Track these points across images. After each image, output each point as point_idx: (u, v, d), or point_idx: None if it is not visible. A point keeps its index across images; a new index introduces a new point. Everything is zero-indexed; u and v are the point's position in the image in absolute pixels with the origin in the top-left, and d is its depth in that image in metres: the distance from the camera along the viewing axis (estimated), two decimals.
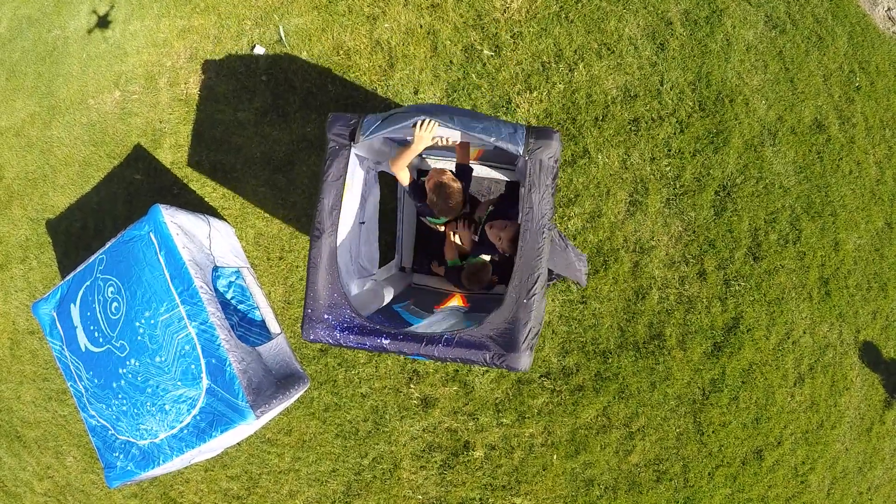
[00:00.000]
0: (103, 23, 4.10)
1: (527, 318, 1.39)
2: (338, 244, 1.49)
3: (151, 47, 3.89)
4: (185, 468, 3.70)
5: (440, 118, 1.48)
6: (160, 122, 3.69)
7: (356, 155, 1.62)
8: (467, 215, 2.18)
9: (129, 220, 3.84)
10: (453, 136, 1.62)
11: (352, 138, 1.50)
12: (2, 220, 4.27)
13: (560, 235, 1.82)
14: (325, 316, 1.45)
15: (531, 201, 1.53)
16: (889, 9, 4.32)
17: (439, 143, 1.82)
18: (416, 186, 1.89)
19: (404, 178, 1.82)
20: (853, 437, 3.86)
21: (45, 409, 4.19)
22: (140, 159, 3.79)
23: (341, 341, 1.44)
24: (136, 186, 3.73)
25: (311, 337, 1.48)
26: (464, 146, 1.84)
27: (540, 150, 1.54)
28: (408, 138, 1.60)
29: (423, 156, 2.27)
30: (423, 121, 1.46)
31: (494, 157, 2.03)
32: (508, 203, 2.09)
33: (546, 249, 1.50)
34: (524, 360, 1.41)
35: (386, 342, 1.40)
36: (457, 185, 1.82)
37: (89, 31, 4.14)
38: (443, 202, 1.70)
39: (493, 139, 1.51)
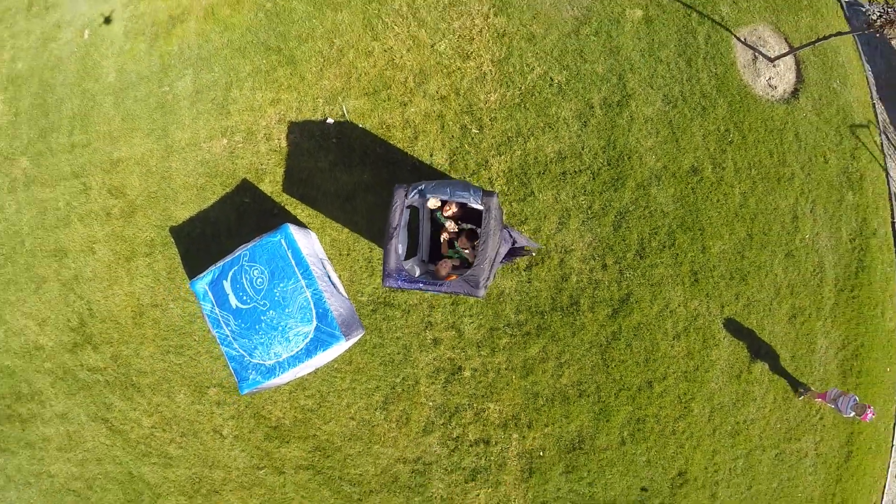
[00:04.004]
0: (207, 87, 9.00)
1: (482, 273, 6.24)
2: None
3: (249, 111, 8.78)
4: (278, 389, 8.52)
5: (440, 193, 6.37)
6: (261, 165, 8.52)
7: (408, 205, 6.48)
8: (462, 232, 7.16)
9: (240, 232, 8.68)
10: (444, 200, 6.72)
11: (406, 197, 6.38)
12: (127, 226, 9.19)
13: (510, 232, 6.75)
14: (395, 275, 6.29)
15: (488, 225, 6.36)
16: (770, 78, 9.19)
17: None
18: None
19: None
20: (725, 380, 8.67)
21: (163, 361, 9.07)
22: (247, 189, 8.63)
23: (402, 286, 6.28)
24: (245, 207, 8.56)
25: (388, 284, 6.33)
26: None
27: (490, 201, 6.38)
28: (430, 202, 6.58)
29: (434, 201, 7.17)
30: (436, 203, 6.52)
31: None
32: (474, 221, 7.12)
33: (493, 246, 6.38)
34: (481, 292, 6.30)
35: (422, 285, 6.24)
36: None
37: (196, 93, 9.06)
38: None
39: (468, 199, 6.41)
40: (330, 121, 8.26)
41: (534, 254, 7.28)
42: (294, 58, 8.50)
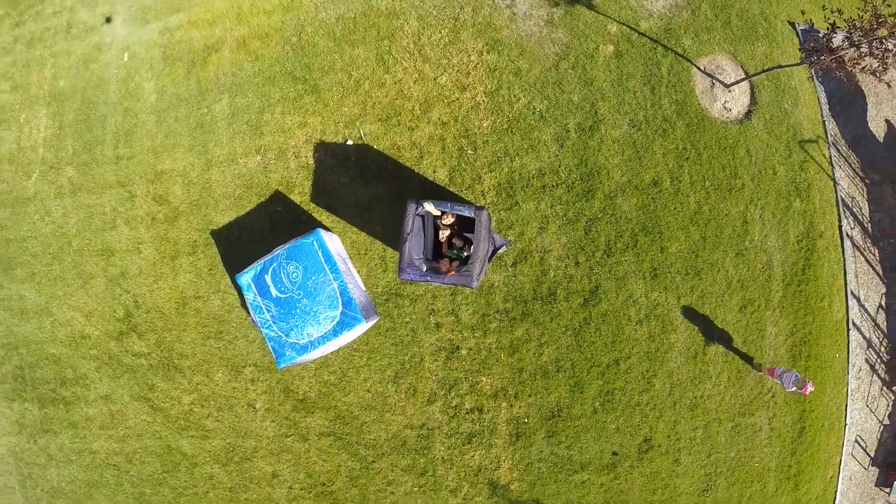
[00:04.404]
0: (242, 110, 13.56)
1: (475, 269, 10.80)
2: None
3: (280, 132, 13.30)
4: (305, 366, 13.01)
5: (443, 207, 10.95)
6: (291, 179, 12.96)
7: (416, 215, 11.03)
8: (456, 234, 11.72)
9: (274, 236, 13.15)
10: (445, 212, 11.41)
11: (416, 210, 10.94)
12: (172, 229, 13.73)
13: (493, 236, 11.34)
14: (408, 269, 10.77)
15: (480, 233, 10.91)
16: (725, 102, 13.74)
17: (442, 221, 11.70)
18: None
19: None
20: (683, 359, 13.18)
21: (203, 345, 13.61)
22: (279, 199, 13.09)
23: (413, 278, 10.79)
24: (278, 215, 13.01)
25: (403, 278, 10.82)
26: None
27: (481, 215, 10.91)
28: (430, 210, 11.25)
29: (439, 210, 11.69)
30: (437, 212, 11.22)
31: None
32: (466, 228, 11.75)
33: (484, 248, 10.91)
34: (475, 284, 10.84)
35: (428, 278, 10.76)
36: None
37: (232, 115, 13.63)
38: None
39: (464, 211, 11.02)
40: (350, 142, 12.79)
41: (506, 247, 11.96)
42: (318, 87, 13.05)
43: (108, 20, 15.24)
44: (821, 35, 11.45)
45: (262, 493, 13.06)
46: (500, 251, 11.84)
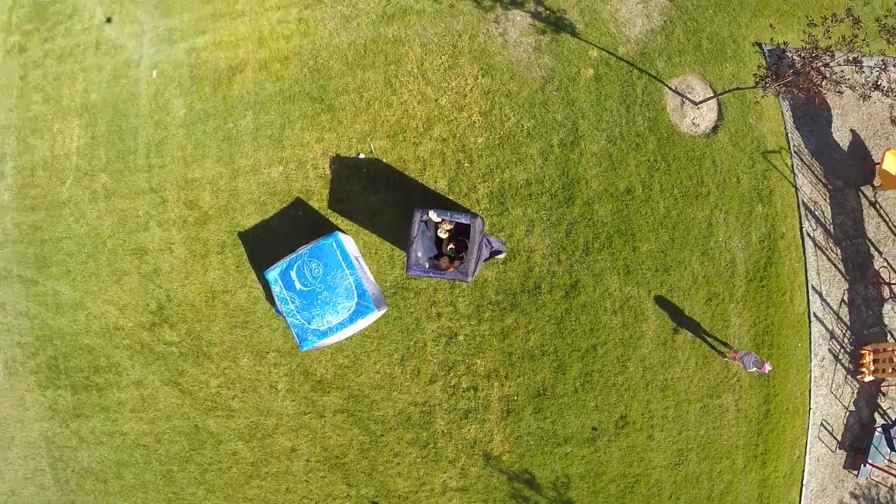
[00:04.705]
0: (265, 126, 19.68)
1: (470, 266, 17.09)
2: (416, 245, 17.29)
3: (299, 146, 19.30)
4: (323, 350, 18.90)
5: (443, 215, 17.23)
6: (310, 188, 18.83)
7: (421, 221, 17.28)
8: (454, 239, 18.03)
9: (295, 239, 19.05)
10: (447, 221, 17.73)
11: (421, 217, 17.19)
12: (202, 230, 19.67)
13: (488, 240, 17.67)
14: (413, 266, 16.98)
15: (474, 237, 17.12)
16: (694, 118, 19.80)
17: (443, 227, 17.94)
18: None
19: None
20: (654, 346, 19.15)
21: (231, 334, 19.59)
22: (299, 205, 18.99)
23: (419, 274, 16.98)
24: (299, 219, 18.78)
25: (410, 273, 16.95)
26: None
27: (475, 221, 17.11)
28: (433, 217, 17.56)
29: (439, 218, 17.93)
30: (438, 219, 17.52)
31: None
32: (464, 234, 18.06)
33: (478, 251, 17.28)
34: (470, 279, 17.02)
35: (431, 274, 16.89)
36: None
37: (256, 129, 19.74)
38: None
39: (461, 218, 17.27)
40: (362, 156, 18.86)
41: (504, 253, 18.10)
42: (333, 106, 19.12)
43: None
44: (784, 56, 16.83)
45: (281, 466, 18.91)
46: (500, 256, 18.04)
